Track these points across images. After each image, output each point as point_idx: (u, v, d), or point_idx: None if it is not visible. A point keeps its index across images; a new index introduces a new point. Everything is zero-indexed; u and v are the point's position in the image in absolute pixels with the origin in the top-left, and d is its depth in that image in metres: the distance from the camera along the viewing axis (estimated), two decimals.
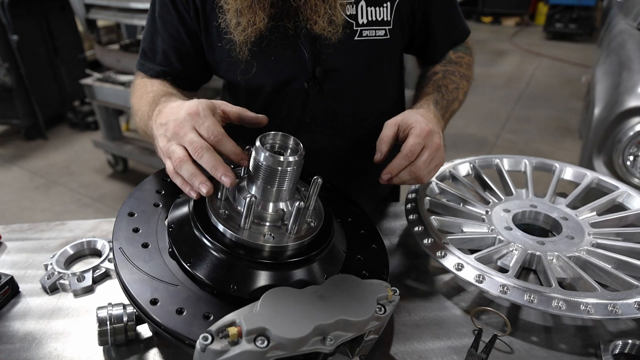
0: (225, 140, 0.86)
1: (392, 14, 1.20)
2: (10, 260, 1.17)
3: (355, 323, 0.67)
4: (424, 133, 1.00)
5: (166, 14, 1.24)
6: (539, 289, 0.86)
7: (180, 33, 1.25)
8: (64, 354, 0.87)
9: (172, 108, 0.95)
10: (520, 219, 1.15)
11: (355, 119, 1.28)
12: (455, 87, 1.28)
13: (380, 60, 1.26)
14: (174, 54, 1.28)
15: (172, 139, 0.89)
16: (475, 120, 5.50)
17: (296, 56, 1.18)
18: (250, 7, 1.07)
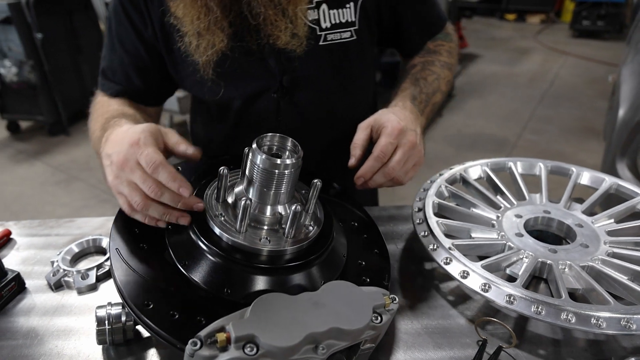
0: (161, 168, 0.79)
1: (357, 14, 1.17)
2: (19, 256, 1.19)
3: (349, 332, 0.64)
4: (396, 132, 0.96)
5: (123, 31, 1.22)
6: (547, 300, 0.82)
7: (139, 50, 1.22)
8: (64, 351, 0.87)
9: (116, 136, 0.90)
10: (533, 225, 1.11)
11: (330, 123, 1.27)
12: (435, 77, 1.24)
13: (349, 62, 1.24)
14: (133, 71, 1.25)
15: (119, 175, 0.82)
16: (496, 120, 5.41)
17: (263, 70, 1.17)
18: (208, 28, 1.04)
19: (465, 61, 7.47)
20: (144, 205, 0.80)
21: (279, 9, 1.03)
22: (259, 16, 1.03)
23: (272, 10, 1.03)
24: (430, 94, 1.21)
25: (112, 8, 1.23)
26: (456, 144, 4.89)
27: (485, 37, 9.22)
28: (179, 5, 1.06)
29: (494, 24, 10.53)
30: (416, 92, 1.17)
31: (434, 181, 1.19)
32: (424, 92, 1.19)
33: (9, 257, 1.18)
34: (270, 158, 0.76)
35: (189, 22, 1.05)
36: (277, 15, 1.04)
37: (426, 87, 1.20)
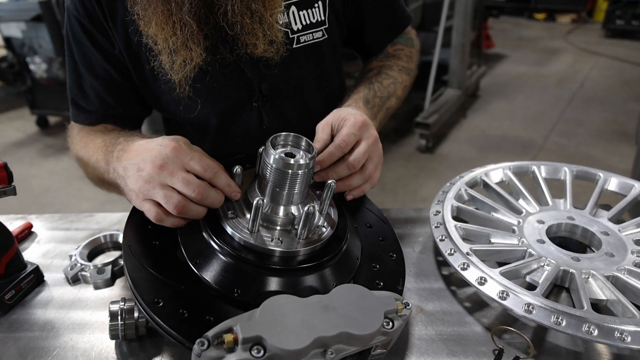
0: (221, 172, 0.81)
1: (325, 13, 1.15)
2: (39, 249, 1.21)
3: (359, 337, 0.63)
4: (359, 123, 0.93)
5: (88, 56, 1.15)
6: (568, 310, 0.79)
7: (110, 72, 1.16)
8: (78, 345, 0.89)
9: (140, 146, 0.87)
10: (556, 232, 1.07)
11: (311, 123, 1.25)
12: (391, 82, 1.21)
13: (322, 61, 1.22)
14: (108, 96, 1.18)
15: (152, 180, 0.80)
16: (522, 121, 5.30)
17: (241, 80, 1.14)
18: (184, 44, 1.00)
19: (491, 61, 7.34)
20: (182, 207, 0.78)
21: (256, 17, 1.00)
22: (236, 25, 1.00)
23: (248, 18, 0.99)
24: (384, 98, 1.17)
25: (68, 31, 1.14)
26: (480, 145, 4.81)
27: (512, 37, 9.04)
28: (150, 23, 0.99)
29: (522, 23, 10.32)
30: (369, 96, 1.14)
31: (453, 184, 1.17)
32: (378, 95, 1.16)
33: (30, 249, 1.21)
34: (284, 157, 0.75)
35: (163, 40, 1.00)
36: (254, 23, 1.01)
37: (380, 90, 1.17)
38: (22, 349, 0.88)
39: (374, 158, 0.95)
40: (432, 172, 4.28)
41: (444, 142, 4.86)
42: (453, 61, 5.12)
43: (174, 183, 0.78)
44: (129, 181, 0.84)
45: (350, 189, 0.96)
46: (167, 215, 0.81)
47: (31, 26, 4.99)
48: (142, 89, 1.20)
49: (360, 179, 0.94)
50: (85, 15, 1.10)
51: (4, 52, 5.42)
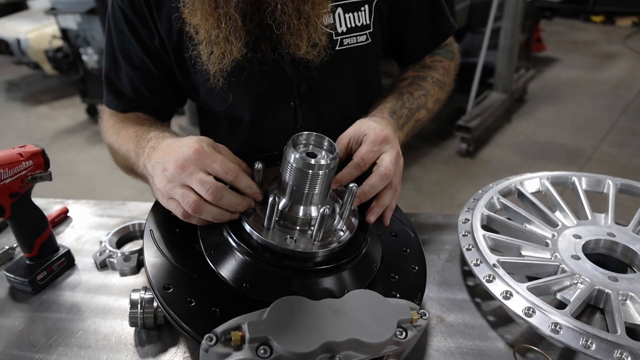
0: (242, 175, 0.81)
1: (371, 17, 1.13)
2: (73, 233, 1.25)
3: (369, 345, 0.61)
4: (380, 139, 0.89)
5: (127, 45, 1.16)
6: (599, 333, 0.74)
7: (147, 64, 1.17)
8: (100, 329, 0.91)
9: (168, 145, 0.88)
10: (593, 248, 1.01)
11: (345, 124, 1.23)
12: (422, 93, 1.16)
13: (364, 65, 1.20)
14: (143, 86, 1.20)
15: (174, 178, 0.81)
16: (570, 129, 5.08)
17: (279, 79, 1.13)
18: (226, 38, 0.99)
19: (541, 65, 7.08)
20: (196, 206, 0.78)
21: (304, 19, 1.00)
22: (283, 25, 0.99)
23: (296, 19, 0.99)
24: (413, 110, 1.13)
25: (110, 19, 1.17)
26: (524, 152, 4.65)
27: (566, 40, 8.68)
28: (195, 12, 1.00)
29: (577, 26, 9.89)
30: (397, 107, 1.10)
31: (486, 191, 1.13)
32: (407, 106, 1.12)
33: (64, 233, 1.25)
34: (304, 157, 0.73)
35: (205, 31, 1.00)
36: (301, 24, 1.00)
37: (410, 101, 1.13)
38: (48, 329, 0.92)
39: (397, 172, 0.91)
40: (472, 177, 4.17)
41: (485, 147, 4.73)
42: (499, 64, 4.97)
43: (191, 183, 0.79)
44: (155, 179, 0.86)
45: (383, 209, 0.92)
46: (187, 214, 0.81)
47: (86, 18, 5.18)
48: (181, 79, 1.21)
49: (390, 194, 0.91)
50: (129, 5, 1.12)
51: (60, 42, 5.66)
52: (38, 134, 5.45)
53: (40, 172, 1.02)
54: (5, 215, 0.98)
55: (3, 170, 0.94)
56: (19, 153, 0.98)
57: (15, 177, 0.96)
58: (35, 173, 1.01)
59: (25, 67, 7.12)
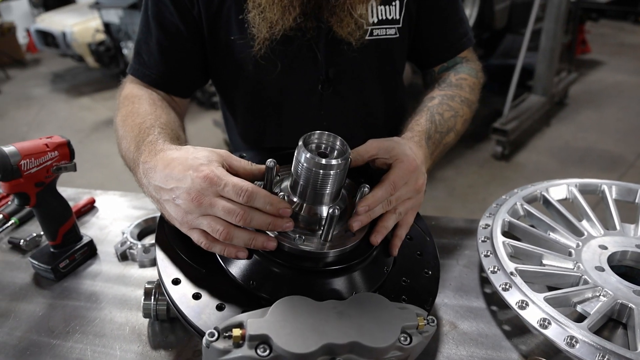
0: (256, 194, 0.73)
1: (401, 12, 1.15)
2: (98, 223, 1.28)
3: (371, 349, 0.60)
4: (412, 168, 0.85)
5: (163, 10, 1.16)
6: (617, 349, 0.71)
7: (180, 30, 1.16)
8: (115, 318, 0.93)
9: (169, 167, 0.79)
10: (620, 260, 0.97)
11: (367, 120, 1.21)
12: (452, 115, 1.13)
13: (391, 59, 1.21)
14: (171, 52, 1.18)
15: (193, 211, 0.75)
16: (613, 134, 4.89)
17: (309, 58, 1.14)
18: (285, 5, 1.01)
19: (585, 68, 6.83)
20: (227, 233, 0.73)
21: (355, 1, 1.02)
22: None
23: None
24: (444, 134, 1.10)
25: None
26: (561, 157, 4.50)
27: (612, 43, 8.35)
28: None
29: (625, 28, 9.50)
30: (432, 131, 1.07)
31: (510, 197, 1.09)
32: (439, 130, 1.08)
33: (89, 223, 1.28)
34: (315, 157, 0.72)
35: None
36: (355, 3, 1.03)
37: (441, 125, 1.10)
38: (67, 316, 0.94)
39: (410, 202, 0.86)
40: (506, 181, 4.06)
41: (521, 151, 4.61)
42: (539, 66, 4.83)
43: (216, 212, 0.74)
44: (168, 207, 0.80)
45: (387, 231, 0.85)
46: (215, 242, 0.77)
47: (127, 13, 5.33)
48: (210, 51, 1.21)
49: (393, 219, 0.85)
50: None
51: (102, 36, 5.83)
52: (78, 125, 5.62)
53: (65, 163, 1.04)
54: (30, 203, 1.01)
55: (29, 160, 0.97)
56: (45, 144, 1.01)
57: (40, 167, 0.99)
58: (61, 164, 1.03)
59: (69, 59, 7.39)
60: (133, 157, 0.94)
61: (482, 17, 4.74)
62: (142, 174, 0.86)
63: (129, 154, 0.98)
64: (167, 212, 0.80)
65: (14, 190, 0.98)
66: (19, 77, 7.71)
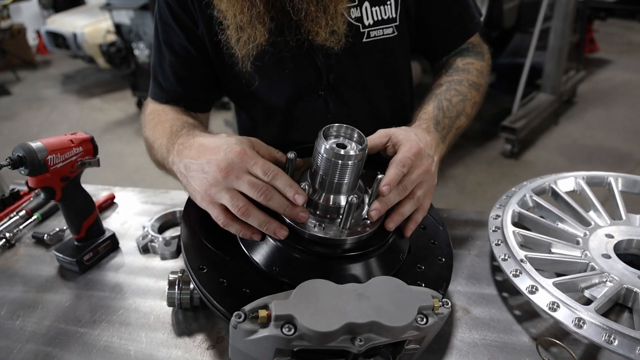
0: (281, 174, 0.79)
1: (397, 10, 1.16)
2: (118, 218, 1.32)
3: (389, 329, 0.63)
4: (414, 150, 0.87)
5: (171, 35, 1.21)
6: (622, 329, 0.74)
7: (190, 52, 1.21)
8: (140, 307, 0.97)
9: (202, 145, 0.87)
10: (626, 249, 0.99)
11: (374, 118, 1.23)
12: (461, 99, 1.15)
13: (392, 58, 1.22)
14: (185, 73, 1.24)
15: (219, 183, 0.80)
16: (621, 132, 4.88)
17: (308, 67, 1.16)
18: (250, 22, 1.04)
19: (593, 66, 6.82)
20: (245, 210, 0.78)
21: (321, 6, 1.03)
22: (301, 12, 1.03)
23: (314, 6, 1.03)
24: (453, 118, 1.12)
25: (157, 13, 1.23)
26: (570, 155, 4.51)
27: (620, 42, 8.32)
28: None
29: (633, 27, 9.45)
30: (440, 117, 1.09)
31: (519, 189, 1.12)
32: (447, 115, 1.10)
33: (110, 218, 1.32)
34: (334, 148, 0.76)
35: (232, 16, 1.05)
36: (319, 11, 1.03)
37: (449, 110, 1.11)
38: (93, 306, 0.98)
39: (424, 185, 0.90)
40: (515, 178, 4.07)
41: (530, 149, 4.62)
42: (548, 65, 4.83)
43: (240, 186, 0.79)
44: (193, 181, 0.85)
45: (403, 217, 0.89)
46: (233, 220, 0.82)
47: (138, 14, 5.34)
48: (218, 67, 1.26)
49: (411, 205, 0.88)
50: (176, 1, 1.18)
51: (113, 37, 5.88)
52: (90, 126, 5.69)
53: (89, 158, 1.08)
54: (56, 197, 1.05)
55: (55, 156, 1.00)
56: (70, 140, 1.05)
57: (66, 162, 1.03)
58: (85, 159, 1.07)
59: (80, 60, 7.45)
60: (167, 147, 1.00)
61: (490, 16, 4.73)
62: (175, 153, 0.93)
63: (162, 148, 1.04)
64: (192, 186, 0.85)
65: (41, 185, 1.02)
66: (30, 78, 7.79)
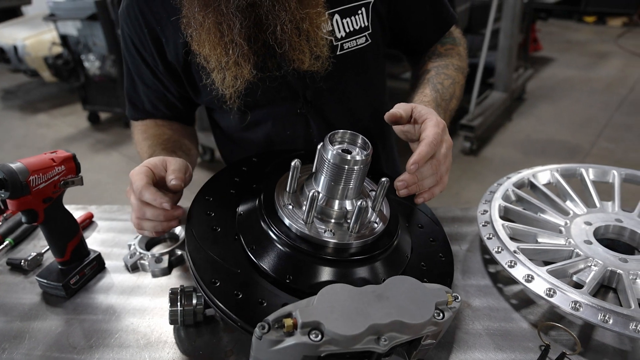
0: (144, 191, 0.92)
1: (369, 18, 1.16)
2: (100, 238, 1.28)
3: (411, 326, 0.65)
4: (442, 125, 0.91)
5: (140, 68, 1.24)
6: (615, 309, 0.80)
7: (158, 85, 1.25)
8: (139, 328, 0.94)
9: None
10: (603, 234, 1.07)
11: (354, 125, 1.24)
12: (451, 82, 1.18)
13: (366, 66, 1.23)
14: (159, 103, 1.30)
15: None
16: (569, 126, 5.15)
17: (286, 91, 1.18)
18: (236, 62, 1.04)
19: (538, 64, 7.16)
20: (137, 224, 0.97)
21: (304, 35, 1.04)
22: (285, 44, 1.03)
23: (296, 37, 1.03)
24: (447, 101, 1.15)
25: (123, 44, 1.24)
26: (525, 149, 4.71)
27: (560, 40, 8.77)
28: (203, 44, 1.05)
29: (570, 26, 9.99)
30: (438, 99, 1.12)
31: (501, 184, 1.18)
32: (444, 98, 1.14)
33: (90, 238, 1.27)
34: (341, 153, 0.78)
35: (216, 60, 1.05)
36: (302, 40, 1.04)
37: (444, 93, 1.15)
38: (86, 330, 0.94)
39: (447, 162, 0.94)
40: (476, 174, 4.22)
41: (488, 145, 4.79)
42: (499, 64, 5.02)
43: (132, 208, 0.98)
44: None
45: (422, 191, 0.93)
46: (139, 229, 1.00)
47: (86, 24, 5.11)
48: (195, 99, 1.28)
49: (432, 180, 0.92)
50: (135, 35, 1.18)
51: (60, 49, 5.63)
52: (38, 143, 5.44)
53: (72, 177, 1.03)
54: (39, 220, 1.00)
55: (37, 176, 0.95)
56: (51, 158, 1.00)
57: (48, 182, 0.98)
58: (68, 178, 1.02)
59: (21, 74, 7.08)
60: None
61: None
62: None
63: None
64: None
65: (22, 208, 0.96)
66: None
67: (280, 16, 0.99)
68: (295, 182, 0.85)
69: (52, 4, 5.28)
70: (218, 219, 0.89)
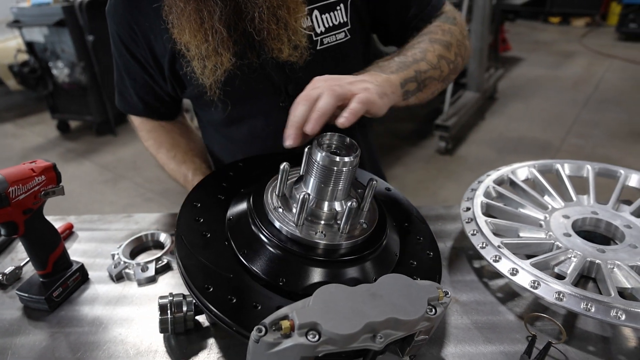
0: None
1: (347, 14, 1.18)
2: (81, 248, 1.25)
3: (406, 322, 0.67)
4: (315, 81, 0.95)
5: (128, 65, 1.25)
6: (597, 297, 0.83)
7: (147, 80, 1.27)
8: (128, 339, 0.92)
9: None
10: (581, 226, 1.11)
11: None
12: (418, 50, 1.16)
13: (346, 61, 1.25)
14: (148, 97, 1.32)
15: None
16: (540, 123, 5.30)
17: (267, 83, 1.19)
18: (215, 50, 1.06)
19: (508, 64, 7.34)
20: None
21: (281, 23, 1.05)
22: (263, 31, 1.05)
23: (274, 24, 1.04)
24: (408, 63, 1.11)
25: (112, 40, 1.24)
26: (498, 147, 4.82)
27: (528, 40, 9.00)
28: (184, 31, 1.06)
29: (537, 27, 10.27)
30: (381, 63, 1.11)
31: (481, 182, 1.20)
32: (396, 61, 1.11)
33: (72, 249, 1.25)
34: (330, 155, 0.79)
35: (195, 47, 1.06)
36: (280, 29, 1.05)
37: (400, 59, 1.12)
38: (72, 344, 0.91)
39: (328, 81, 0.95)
40: (452, 173, 4.30)
41: (463, 144, 4.88)
42: (471, 64, 5.13)
43: None
44: None
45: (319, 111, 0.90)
46: None
47: (53, 31, 4.98)
48: (180, 93, 1.27)
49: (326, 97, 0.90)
50: (123, 31, 1.18)
51: (26, 56, 5.47)
52: (5, 153, 5.29)
53: (52, 187, 1.01)
54: (19, 232, 0.97)
55: (17, 187, 0.92)
56: (31, 168, 0.97)
57: (28, 193, 0.95)
58: (48, 188, 1.00)
59: None
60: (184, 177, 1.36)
61: None
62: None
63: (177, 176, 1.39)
64: None
65: (2, 220, 0.93)
66: None
67: (258, 2, 1.01)
68: (284, 185, 0.85)
69: (15, 10, 5.11)
70: (208, 224, 0.89)
